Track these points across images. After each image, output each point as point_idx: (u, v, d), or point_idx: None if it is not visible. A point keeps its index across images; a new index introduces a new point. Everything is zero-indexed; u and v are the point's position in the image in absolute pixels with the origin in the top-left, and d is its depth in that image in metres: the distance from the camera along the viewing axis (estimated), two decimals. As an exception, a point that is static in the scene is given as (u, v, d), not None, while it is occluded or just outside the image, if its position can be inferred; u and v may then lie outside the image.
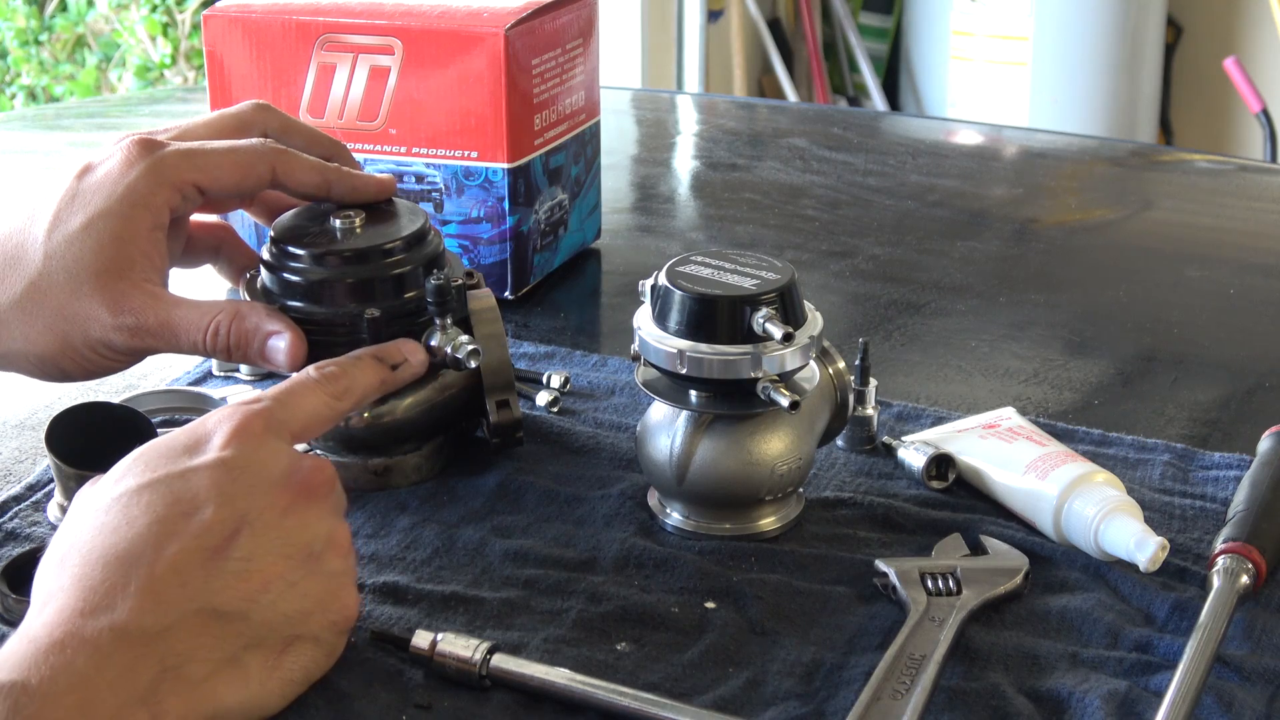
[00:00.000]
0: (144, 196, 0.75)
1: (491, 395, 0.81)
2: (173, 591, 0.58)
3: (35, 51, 3.62)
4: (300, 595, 0.62)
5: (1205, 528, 0.77)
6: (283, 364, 0.76)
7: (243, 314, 0.76)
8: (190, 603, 0.58)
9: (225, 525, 0.60)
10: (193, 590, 0.59)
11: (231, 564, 0.60)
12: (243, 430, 0.64)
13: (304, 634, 0.62)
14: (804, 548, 0.76)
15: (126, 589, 0.57)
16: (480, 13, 1.01)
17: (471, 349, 0.77)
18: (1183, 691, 0.62)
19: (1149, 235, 1.31)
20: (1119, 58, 3.29)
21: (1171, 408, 0.92)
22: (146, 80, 3.55)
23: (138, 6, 3.57)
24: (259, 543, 0.61)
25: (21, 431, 0.88)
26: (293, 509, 0.63)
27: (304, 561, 0.62)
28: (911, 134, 1.73)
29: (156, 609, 0.58)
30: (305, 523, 0.63)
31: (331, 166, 0.80)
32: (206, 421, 0.64)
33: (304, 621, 0.62)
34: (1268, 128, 2.88)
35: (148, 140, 0.76)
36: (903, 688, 0.63)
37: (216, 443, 0.63)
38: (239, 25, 1.04)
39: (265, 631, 0.61)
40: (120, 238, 0.74)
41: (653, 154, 1.57)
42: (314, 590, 0.63)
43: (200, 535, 0.60)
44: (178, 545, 0.59)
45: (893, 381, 0.94)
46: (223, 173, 0.77)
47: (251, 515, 0.61)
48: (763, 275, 0.74)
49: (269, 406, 0.66)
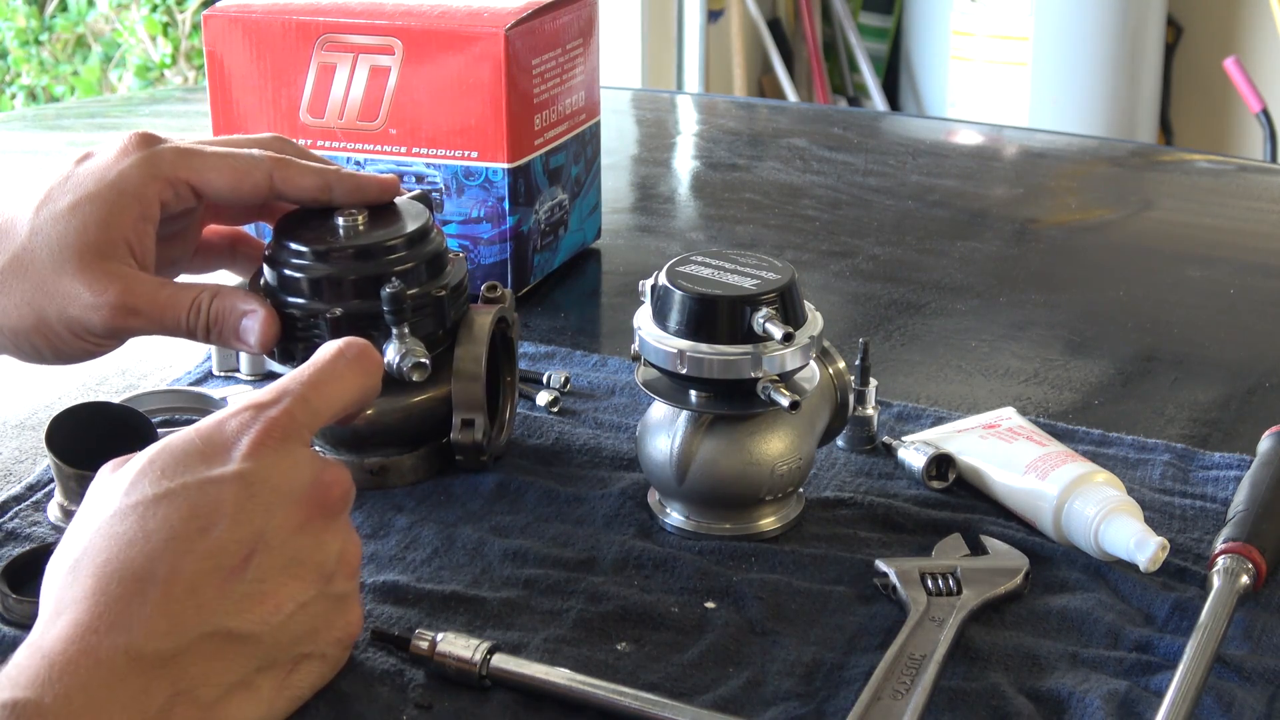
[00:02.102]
0: (135, 186, 0.75)
1: (458, 412, 0.80)
2: (187, 613, 0.57)
3: (35, 51, 3.62)
4: (311, 615, 0.61)
5: (1205, 528, 0.77)
6: (253, 344, 0.75)
7: (223, 294, 0.76)
8: (204, 625, 0.57)
9: (242, 545, 0.59)
10: (207, 612, 0.58)
11: (246, 585, 0.59)
12: (263, 439, 0.61)
13: (312, 652, 0.62)
14: (804, 548, 0.76)
15: (142, 608, 0.56)
16: (480, 13, 1.01)
17: (416, 363, 0.76)
18: (1183, 691, 0.62)
19: (1149, 235, 1.31)
20: (1119, 58, 3.29)
21: (1171, 408, 0.92)
22: (147, 80, 3.55)
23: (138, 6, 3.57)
24: (273, 563, 0.60)
25: (21, 431, 0.88)
26: (308, 526, 0.61)
27: (316, 581, 0.61)
28: (911, 134, 1.73)
29: (171, 631, 0.56)
30: (320, 541, 0.62)
31: (331, 169, 0.80)
32: (225, 426, 0.62)
33: (312, 640, 0.62)
34: (1268, 128, 2.88)
35: (148, 135, 0.77)
36: (903, 688, 0.63)
37: (236, 453, 0.61)
38: (239, 25, 1.04)
39: (276, 652, 0.60)
40: (105, 222, 0.74)
41: (653, 154, 1.57)
42: (323, 611, 0.62)
43: (216, 554, 0.58)
44: (193, 564, 0.58)
45: (893, 381, 0.94)
46: (217, 175, 0.77)
47: (268, 533, 0.60)
48: (763, 275, 0.74)
49: (290, 408, 0.63)
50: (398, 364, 0.76)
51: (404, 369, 0.76)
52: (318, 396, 0.64)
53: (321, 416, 0.65)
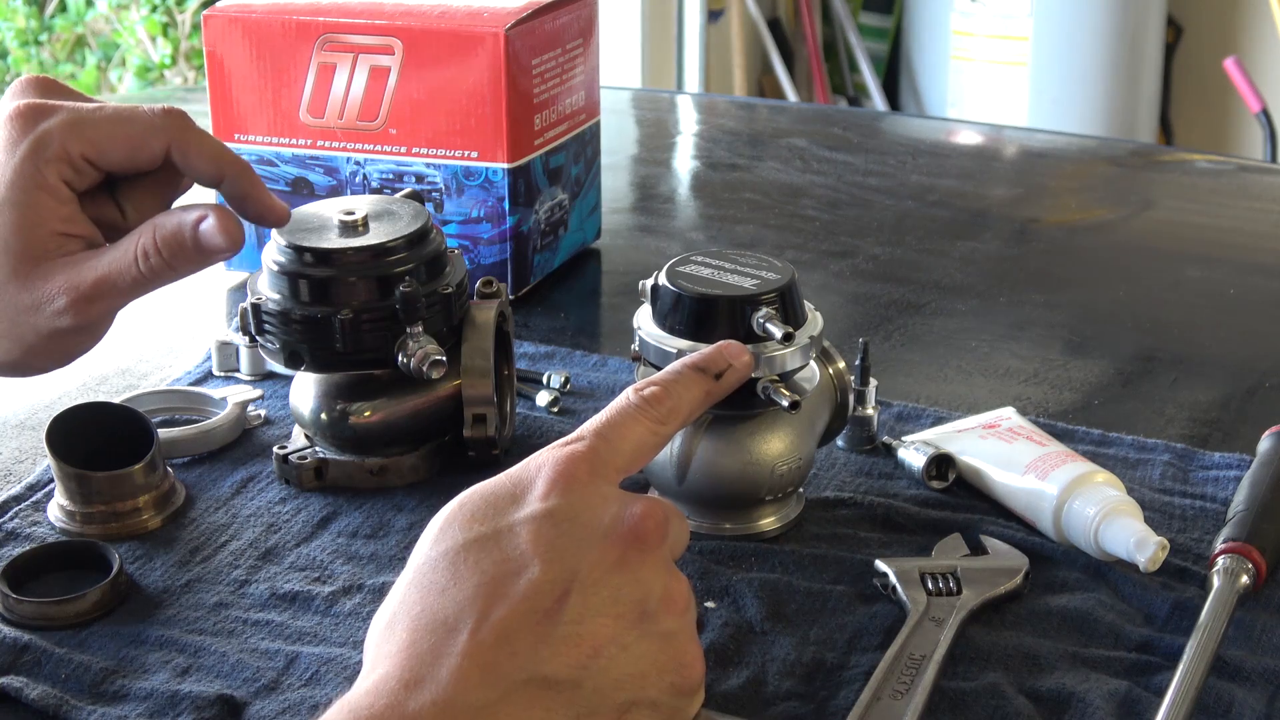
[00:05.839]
0: (31, 179, 0.70)
1: (469, 408, 0.81)
2: (501, 661, 0.53)
3: (35, 52, 3.62)
4: (634, 658, 0.56)
5: (1205, 528, 0.77)
6: (222, 244, 0.71)
7: (159, 223, 0.71)
8: (520, 673, 0.53)
9: (555, 585, 0.55)
10: (522, 659, 0.54)
11: (562, 628, 0.55)
12: (566, 475, 0.58)
13: (640, 700, 0.56)
14: (804, 548, 0.76)
15: (452, 657, 0.53)
16: (480, 13, 1.01)
17: (434, 360, 0.77)
18: (1183, 691, 0.62)
19: (1149, 235, 1.31)
20: (1119, 58, 3.29)
21: (1171, 408, 0.92)
22: (146, 80, 3.55)
23: (138, 6, 3.56)
24: (589, 603, 0.55)
25: (21, 431, 0.88)
26: (624, 563, 0.57)
27: (637, 621, 0.56)
28: (911, 134, 1.73)
29: (484, 681, 0.53)
30: (638, 578, 0.57)
31: (231, 159, 0.73)
32: (529, 465, 0.59)
33: (639, 686, 0.56)
34: (1268, 128, 2.88)
35: (32, 108, 0.71)
36: (903, 688, 0.63)
37: (539, 491, 0.58)
38: (239, 25, 1.04)
39: (598, 700, 0.55)
40: (20, 226, 0.70)
41: (653, 154, 1.57)
42: (649, 652, 0.56)
43: (530, 597, 0.55)
44: (505, 608, 0.54)
45: (893, 381, 0.94)
46: (111, 145, 0.71)
47: (581, 572, 0.56)
48: (763, 275, 0.74)
49: (592, 445, 0.60)
50: (414, 364, 0.77)
51: (423, 368, 0.76)
52: (617, 435, 0.61)
53: (622, 455, 0.61)
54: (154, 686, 0.65)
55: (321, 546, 0.77)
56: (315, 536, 0.78)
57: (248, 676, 0.66)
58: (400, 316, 0.77)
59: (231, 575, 0.74)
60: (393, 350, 0.78)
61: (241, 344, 0.93)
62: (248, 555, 0.76)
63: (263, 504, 0.80)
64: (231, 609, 0.71)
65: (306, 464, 0.81)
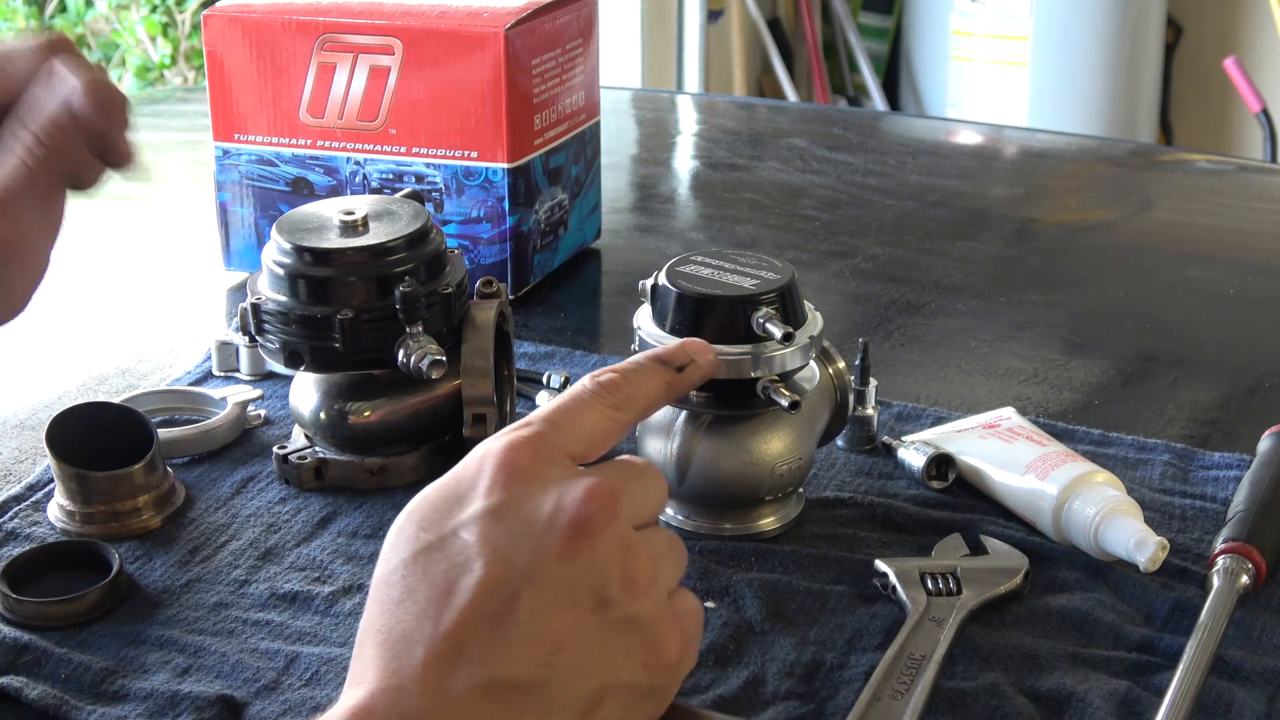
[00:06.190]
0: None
1: (469, 408, 0.81)
2: (459, 670, 0.52)
3: (35, 52, 3.62)
4: (599, 645, 0.54)
5: (1205, 528, 0.77)
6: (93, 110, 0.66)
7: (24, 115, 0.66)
8: (479, 679, 0.52)
9: (503, 585, 0.53)
10: (480, 665, 0.52)
11: (517, 629, 0.53)
12: (508, 465, 0.56)
13: (612, 684, 0.54)
14: (804, 548, 0.76)
15: (413, 670, 0.52)
16: (480, 13, 1.01)
17: (433, 360, 0.77)
18: (1183, 691, 0.62)
19: (1149, 235, 1.31)
20: (1119, 58, 3.29)
21: (1171, 408, 0.92)
22: (146, 80, 3.55)
23: (137, 7, 3.56)
24: (542, 599, 0.53)
25: (21, 431, 0.88)
26: (573, 552, 0.54)
27: (596, 609, 0.54)
28: (911, 134, 1.73)
29: (440, 690, 0.52)
30: (590, 565, 0.54)
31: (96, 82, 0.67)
32: (472, 460, 0.57)
33: (609, 672, 0.54)
34: (1268, 128, 2.88)
35: None
36: (903, 688, 0.63)
37: (482, 488, 0.56)
38: (239, 25, 1.04)
39: (567, 694, 0.53)
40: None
41: (653, 154, 1.57)
42: (614, 637, 0.54)
43: (478, 602, 0.53)
44: (455, 617, 0.53)
45: (893, 381, 0.94)
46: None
47: (529, 568, 0.53)
48: (763, 275, 0.74)
49: (538, 431, 0.58)
50: (415, 363, 0.77)
51: (423, 368, 0.76)
52: (567, 420, 0.59)
53: (574, 439, 0.59)
54: (154, 686, 0.65)
55: (321, 546, 0.77)
56: (315, 536, 0.78)
57: (248, 676, 0.66)
58: (400, 316, 0.77)
59: (231, 575, 0.74)
60: (393, 350, 0.78)
61: (241, 344, 0.93)
62: (248, 555, 0.76)
63: (263, 504, 0.80)
64: (231, 609, 0.71)
65: (306, 464, 0.81)
